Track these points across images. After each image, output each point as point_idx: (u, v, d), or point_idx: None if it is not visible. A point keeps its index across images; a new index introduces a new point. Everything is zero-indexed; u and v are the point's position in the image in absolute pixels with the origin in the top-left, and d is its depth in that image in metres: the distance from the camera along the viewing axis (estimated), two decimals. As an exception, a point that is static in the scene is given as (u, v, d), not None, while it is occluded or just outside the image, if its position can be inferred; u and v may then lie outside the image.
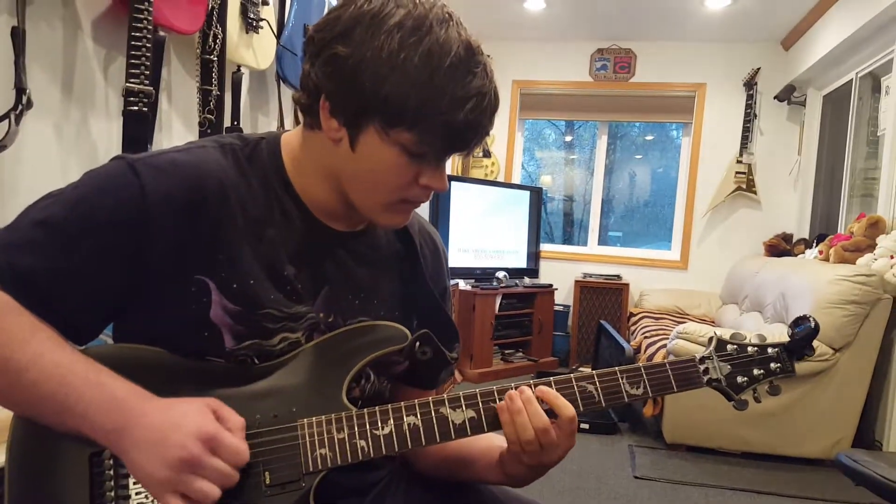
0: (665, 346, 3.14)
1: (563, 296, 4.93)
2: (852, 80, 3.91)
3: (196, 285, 0.73)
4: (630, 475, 2.67)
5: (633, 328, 4.22)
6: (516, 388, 0.77)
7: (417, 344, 0.82)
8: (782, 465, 2.86)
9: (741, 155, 4.64)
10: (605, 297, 4.75)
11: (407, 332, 0.81)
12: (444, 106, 0.68)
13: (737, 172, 4.65)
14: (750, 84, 4.62)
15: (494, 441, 0.84)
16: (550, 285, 4.69)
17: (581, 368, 4.34)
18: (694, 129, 4.85)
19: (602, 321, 4.07)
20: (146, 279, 0.72)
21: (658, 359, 3.17)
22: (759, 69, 4.58)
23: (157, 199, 0.71)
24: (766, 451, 2.91)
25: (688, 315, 4.41)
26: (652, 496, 2.47)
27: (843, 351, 2.80)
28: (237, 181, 0.77)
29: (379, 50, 0.68)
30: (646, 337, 3.62)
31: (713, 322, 4.21)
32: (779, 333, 2.70)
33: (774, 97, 4.61)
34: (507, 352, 4.44)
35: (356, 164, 0.74)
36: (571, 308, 4.85)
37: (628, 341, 3.70)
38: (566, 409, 0.76)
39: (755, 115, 4.65)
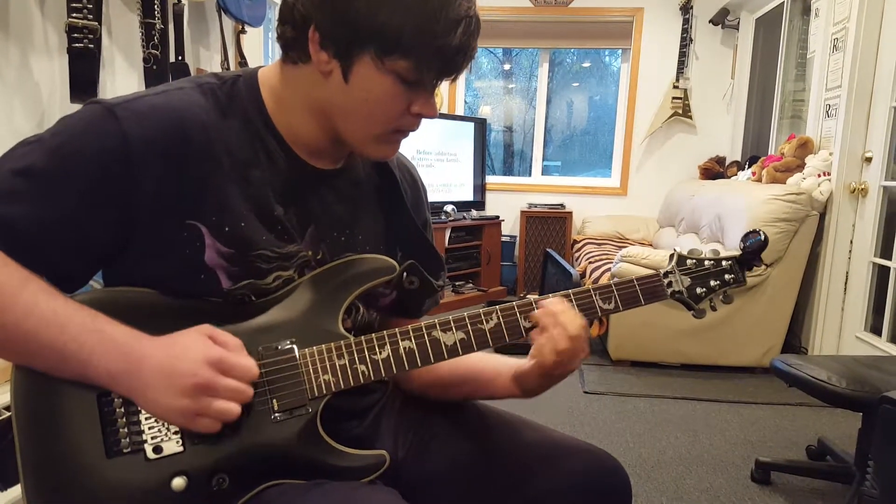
0: (609, 269, 3.26)
1: (510, 226, 5.00)
2: (783, 2, 3.99)
3: (188, 230, 0.73)
4: (580, 391, 2.81)
5: (577, 254, 4.35)
6: (535, 302, 0.81)
7: (405, 274, 0.84)
8: (718, 373, 3.07)
9: (677, 80, 4.72)
10: (549, 226, 4.85)
11: (395, 263, 0.83)
12: (439, 30, 0.69)
13: (673, 98, 4.74)
14: (686, 8, 4.65)
15: (487, 362, 0.91)
16: (497, 217, 4.74)
17: (529, 296, 4.44)
18: (632, 54, 4.87)
19: (548, 249, 4.17)
20: (136, 225, 0.71)
21: (603, 281, 3.29)
22: (694, -8, 4.61)
23: (140, 145, 0.69)
24: (703, 362, 3.11)
25: (628, 240, 4.57)
26: (602, 408, 2.62)
27: (773, 266, 2.98)
28: (219, 123, 0.75)
29: None
30: (590, 262, 3.74)
31: (651, 245, 4.37)
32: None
33: (709, 21, 4.66)
34: (457, 283, 4.51)
35: (349, 96, 0.74)
36: (518, 238, 4.94)
37: (573, 267, 3.81)
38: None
39: (691, 40, 4.70)
